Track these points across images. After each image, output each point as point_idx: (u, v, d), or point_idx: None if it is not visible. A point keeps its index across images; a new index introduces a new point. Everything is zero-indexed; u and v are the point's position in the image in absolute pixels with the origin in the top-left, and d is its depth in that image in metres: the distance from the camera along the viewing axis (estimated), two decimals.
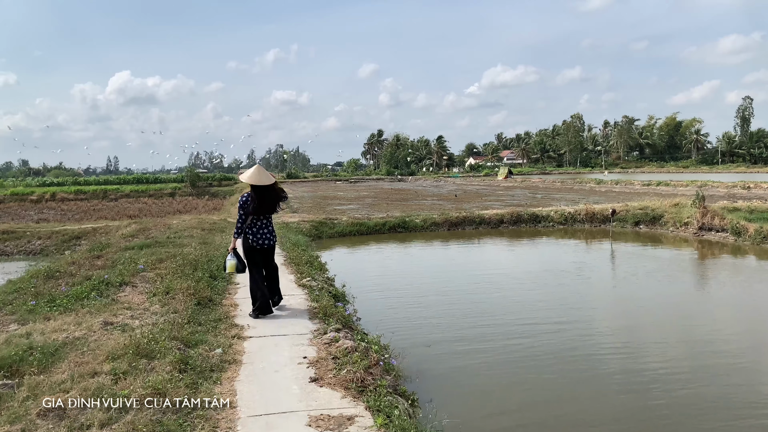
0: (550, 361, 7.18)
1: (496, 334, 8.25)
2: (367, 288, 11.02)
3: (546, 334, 8.31)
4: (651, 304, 10.35)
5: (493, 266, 14.48)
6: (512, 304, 10.19)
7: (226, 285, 8.31)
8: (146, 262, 9.43)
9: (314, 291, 7.80)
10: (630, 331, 8.90)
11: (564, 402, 6.04)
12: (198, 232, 15.16)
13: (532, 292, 11.25)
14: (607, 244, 17.30)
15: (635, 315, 9.81)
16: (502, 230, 20.34)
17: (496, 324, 8.77)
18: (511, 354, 7.41)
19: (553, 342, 7.93)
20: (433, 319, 9.14)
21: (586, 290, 11.64)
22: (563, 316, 9.39)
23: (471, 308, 9.86)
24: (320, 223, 19.38)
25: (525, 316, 9.36)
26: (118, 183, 71.08)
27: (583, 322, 9.15)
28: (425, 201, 40.57)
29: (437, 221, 20.15)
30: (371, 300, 9.97)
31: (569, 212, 20.51)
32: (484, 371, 6.87)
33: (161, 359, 4.58)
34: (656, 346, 8.00)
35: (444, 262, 15.33)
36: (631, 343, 8.19)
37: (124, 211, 42.07)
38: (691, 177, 57.86)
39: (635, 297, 10.89)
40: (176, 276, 7.89)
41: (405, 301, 10.37)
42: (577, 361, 7.21)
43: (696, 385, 6.47)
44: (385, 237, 19.40)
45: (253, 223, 6.46)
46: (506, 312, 9.56)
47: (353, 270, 13.53)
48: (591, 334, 8.42)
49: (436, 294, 11.14)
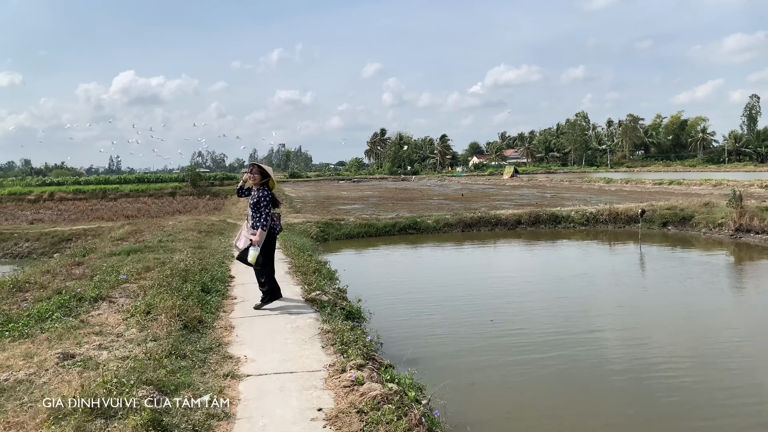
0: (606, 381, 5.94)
1: (534, 348, 7.01)
2: (381, 297, 9.76)
3: (592, 347, 7.08)
4: (697, 316, 9.09)
5: (516, 271, 13.21)
6: (545, 315, 8.96)
7: (221, 300, 7.06)
8: (130, 271, 8.18)
9: (326, 308, 6.55)
10: (689, 350, 7.63)
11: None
12: (194, 234, 13.92)
13: (565, 301, 9.99)
14: (633, 246, 16.05)
15: (687, 329, 8.54)
16: (520, 231, 19.06)
17: (531, 338, 7.55)
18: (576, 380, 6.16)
19: (610, 356, 6.68)
20: (462, 335, 7.89)
21: (623, 298, 10.37)
22: (605, 327, 8.15)
23: (502, 320, 8.60)
24: (326, 224, 18.12)
25: (561, 326, 8.14)
26: (117, 183, 70.03)
27: (631, 335, 7.89)
28: (431, 201, 39.33)
29: (451, 222, 18.88)
30: (388, 312, 8.72)
31: (591, 212, 19.21)
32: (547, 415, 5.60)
33: (124, 419, 3.32)
34: (727, 374, 6.73)
35: (461, 266, 14.06)
36: (694, 367, 6.92)
37: (122, 211, 40.90)
38: (703, 176, 56.44)
39: (679, 307, 9.62)
40: (161, 290, 6.63)
41: (425, 313, 9.13)
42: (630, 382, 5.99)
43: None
44: (396, 239, 18.14)
45: (274, 214, 7.13)
46: (542, 324, 8.34)
47: (364, 276, 12.30)
48: (640, 353, 7.16)
49: (458, 302, 9.89)
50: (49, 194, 61.92)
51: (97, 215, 38.46)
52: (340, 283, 9.27)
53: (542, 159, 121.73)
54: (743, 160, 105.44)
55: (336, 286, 8.52)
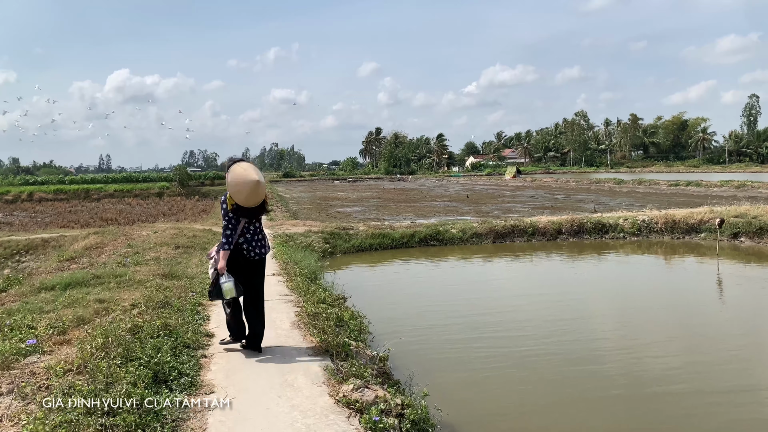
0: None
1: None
2: (410, 336, 6.84)
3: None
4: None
5: (576, 295, 10.31)
6: (629, 358, 6.16)
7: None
8: (51, 326, 5.16)
9: (374, 424, 3.55)
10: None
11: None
12: (169, 251, 10.88)
13: (649, 346, 7.07)
14: (695, 261, 13.28)
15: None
16: (560, 243, 16.14)
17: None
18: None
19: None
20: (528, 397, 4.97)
21: (737, 346, 7.47)
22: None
23: (578, 363, 5.70)
24: (332, 234, 15.10)
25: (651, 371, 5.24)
26: (102, 182, 66.81)
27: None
28: (436, 202, 36.53)
29: (479, 232, 15.90)
30: (431, 367, 5.79)
31: (643, 220, 16.32)
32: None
33: None
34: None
35: (510, 288, 11.11)
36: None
37: (102, 214, 37.68)
38: (712, 177, 53.95)
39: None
40: (72, 393, 3.59)
41: (478, 364, 6.20)
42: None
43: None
44: (415, 252, 15.16)
45: (247, 227, 4.96)
46: (622, 368, 5.53)
47: (383, 304, 9.34)
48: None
49: (507, 340, 7.02)
50: (28, 194, 58.58)
51: (73, 218, 35.22)
52: (370, 327, 6.34)
53: (540, 159, 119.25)
54: (743, 161, 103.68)
55: (371, 355, 5.49)
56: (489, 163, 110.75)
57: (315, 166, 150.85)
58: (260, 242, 5.01)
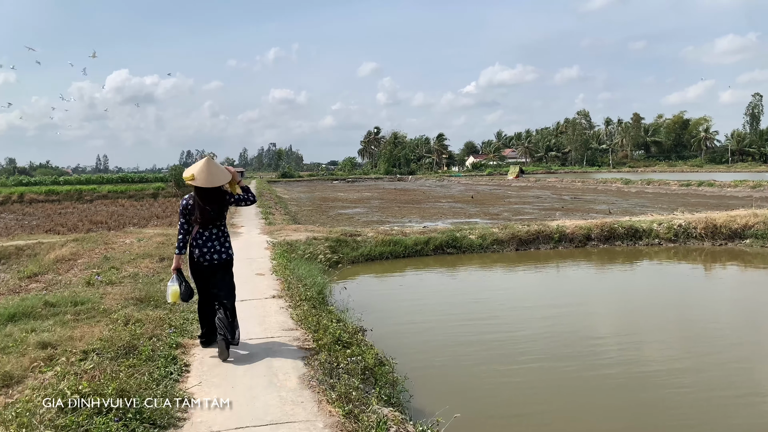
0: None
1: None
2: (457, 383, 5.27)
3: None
4: None
5: (625, 313, 8.76)
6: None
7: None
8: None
9: None
10: None
11: None
12: (151, 265, 9.28)
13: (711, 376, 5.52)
14: (752, 271, 11.74)
15: None
16: (590, 249, 14.59)
17: None
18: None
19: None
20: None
21: None
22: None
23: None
24: (338, 241, 13.50)
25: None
26: (96, 183, 65.13)
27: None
28: (440, 203, 35.00)
29: (501, 238, 14.32)
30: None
31: (680, 225, 14.77)
32: None
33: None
34: None
35: (545, 307, 9.54)
36: None
37: (92, 217, 35.89)
38: (721, 177, 52.50)
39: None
40: None
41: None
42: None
43: None
44: (430, 261, 13.59)
45: (200, 233, 4.91)
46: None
47: (407, 331, 7.77)
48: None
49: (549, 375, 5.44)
50: (18, 195, 56.73)
51: (61, 221, 33.49)
52: (397, 367, 4.79)
53: (541, 159, 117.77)
54: (746, 160, 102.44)
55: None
56: (490, 163, 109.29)
57: (313, 166, 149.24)
58: (212, 248, 4.94)
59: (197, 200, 4.83)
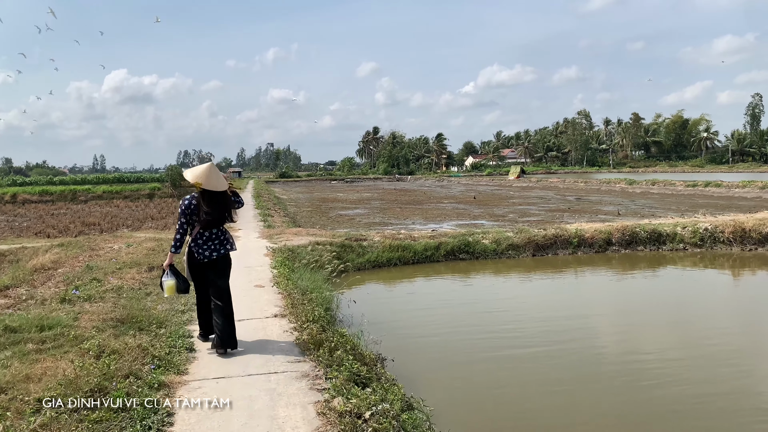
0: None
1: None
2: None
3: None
4: None
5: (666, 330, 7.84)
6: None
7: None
8: None
9: None
10: None
11: None
12: (138, 276, 8.32)
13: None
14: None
15: None
16: (610, 255, 13.67)
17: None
18: None
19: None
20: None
21: None
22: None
23: None
24: (343, 247, 12.55)
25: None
26: (92, 183, 64.11)
27: None
28: (443, 204, 34.08)
29: (516, 243, 13.38)
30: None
31: (706, 228, 13.87)
32: None
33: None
34: None
35: (574, 320, 8.61)
36: None
37: (86, 218, 34.85)
38: (729, 177, 51.69)
39: None
40: None
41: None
42: None
43: None
44: (442, 268, 12.67)
45: (200, 233, 4.98)
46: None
47: (430, 357, 6.84)
48: None
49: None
50: (11, 196, 55.63)
51: (52, 223, 32.44)
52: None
53: (541, 159, 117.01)
54: (746, 160, 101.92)
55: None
56: (489, 163, 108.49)
57: (311, 166, 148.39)
58: (212, 246, 4.97)
59: (202, 203, 4.84)
